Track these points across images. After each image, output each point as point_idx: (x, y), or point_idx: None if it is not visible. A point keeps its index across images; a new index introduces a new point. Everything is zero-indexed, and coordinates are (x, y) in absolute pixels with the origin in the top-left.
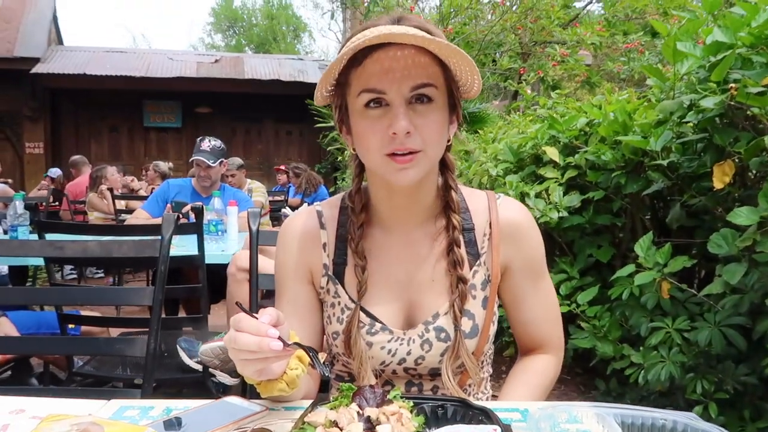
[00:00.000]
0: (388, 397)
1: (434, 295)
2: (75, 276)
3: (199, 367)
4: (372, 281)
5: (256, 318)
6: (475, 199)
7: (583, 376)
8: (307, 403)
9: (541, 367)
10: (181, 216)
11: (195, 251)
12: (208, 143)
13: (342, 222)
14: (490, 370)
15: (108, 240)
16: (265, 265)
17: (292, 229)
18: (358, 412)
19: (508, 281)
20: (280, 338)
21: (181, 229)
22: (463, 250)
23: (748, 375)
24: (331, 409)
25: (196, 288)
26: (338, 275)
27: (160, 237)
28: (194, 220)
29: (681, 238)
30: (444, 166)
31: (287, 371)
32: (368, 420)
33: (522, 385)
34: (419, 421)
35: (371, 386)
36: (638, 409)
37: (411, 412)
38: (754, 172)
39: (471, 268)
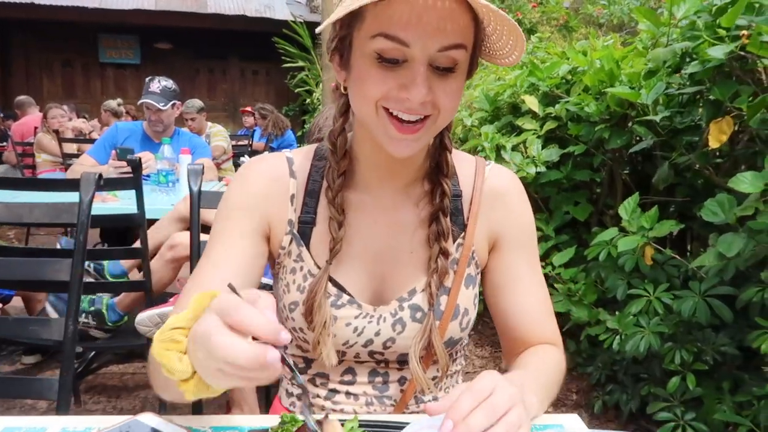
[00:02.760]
0: (343, 427)
1: (412, 269)
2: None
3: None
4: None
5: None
6: (463, 164)
7: None
8: (236, 420)
9: (551, 359)
10: (126, 164)
11: (152, 205)
12: (158, 84)
13: (314, 176)
14: (464, 363)
15: (17, 204)
16: None
17: (257, 171)
18: None
19: (499, 258)
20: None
21: (116, 185)
22: (447, 222)
23: (728, 344)
24: None
25: (136, 250)
26: (303, 236)
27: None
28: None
29: (660, 196)
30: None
31: None
32: None
33: (535, 378)
34: None
35: (318, 422)
36: None
37: None
38: (744, 128)
39: (455, 241)
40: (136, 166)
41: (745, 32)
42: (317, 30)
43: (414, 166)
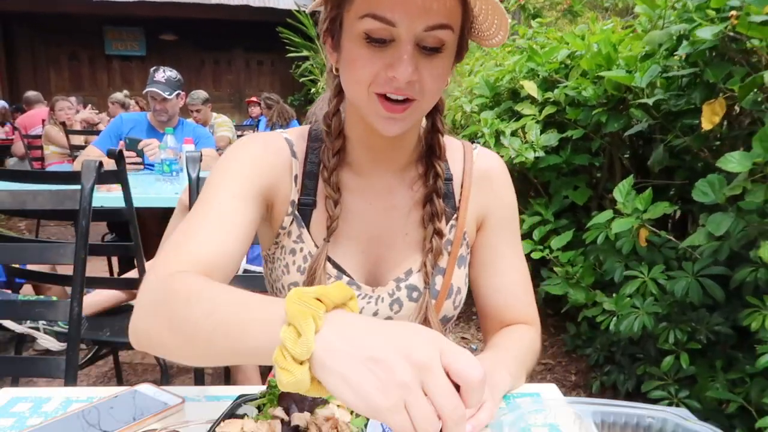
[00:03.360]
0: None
1: (407, 250)
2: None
3: (18, 328)
4: (337, 231)
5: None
6: (452, 148)
7: (553, 318)
8: (232, 390)
9: (523, 339)
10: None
11: (157, 194)
12: (163, 74)
13: (310, 158)
14: (451, 338)
15: (21, 191)
16: None
17: (263, 144)
18: (282, 420)
19: (483, 237)
20: None
21: (101, 178)
22: (441, 203)
23: (722, 324)
24: (256, 409)
25: (128, 246)
26: (304, 217)
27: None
28: (143, 161)
29: (660, 179)
30: (433, 106)
31: None
32: (295, 430)
33: (506, 354)
34: (359, 424)
35: None
36: (622, 405)
37: (351, 413)
38: (745, 111)
39: (447, 222)
40: (118, 157)
41: (733, 12)
42: (309, 8)
43: (407, 149)
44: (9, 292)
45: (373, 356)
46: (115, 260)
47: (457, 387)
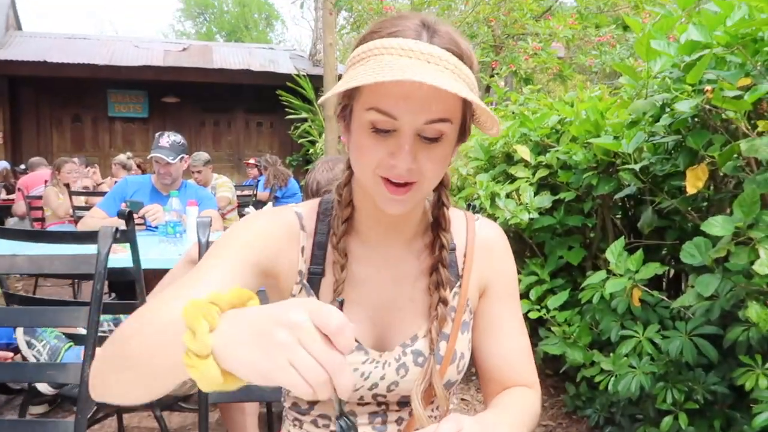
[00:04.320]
0: None
1: (413, 317)
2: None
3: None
4: (345, 297)
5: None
6: (454, 219)
7: (553, 378)
8: None
9: (525, 400)
10: (135, 216)
11: (160, 255)
12: (167, 139)
13: (320, 229)
14: (455, 401)
15: (39, 256)
16: None
17: (270, 218)
18: None
19: (485, 305)
20: None
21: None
22: (447, 273)
23: (718, 383)
24: None
25: (134, 305)
26: (313, 285)
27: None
28: (144, 222)
29: (652, 239)
30: (439, 182)
31: None
32: None
33: (507, 413)
34: None
35: None
36: None
37: None
38: (727, 176)
39: (451, 290)
40: (128, 217)
41: (708, 88)
42: (319, 102)
43: (412, 222)
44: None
45: (257, 330)
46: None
47: None
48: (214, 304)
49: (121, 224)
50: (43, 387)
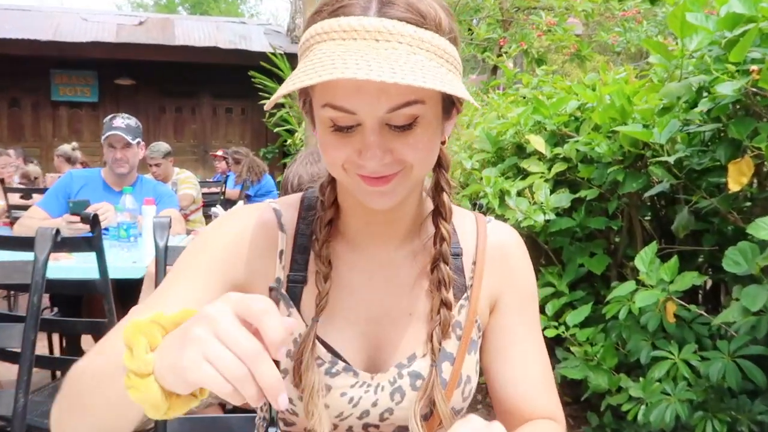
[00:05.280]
0: None
1: (411, 332)
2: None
3: None
4: (332, 310)
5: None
6: (462, 220)
7: (572, 406)
8: None
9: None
10: (81, 219)
11: (111, 263)
12: (122, 120)
13: (302, 230)
14: None
15: None
16: None
17: (242, 221)
18: None
19: (496, 319)
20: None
21: (73, 246)
22: (449, 270)
23: (766, 413)
24: None
25: (99, 324)
26: (293, 296)
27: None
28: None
29: (687, 245)
30: (437, 163)
31: None
32: None
33: None
34: None
35: None
36: None
37: None
38: None
39: (457, 302)
40: (93, 221)
41: (755, 68)
42: (266, 108)
43: (407, 216)
44: None
45: (179, 333)
46: (56, 336)
47: None
48: (157, 323)
49: (66, 226)
50: None
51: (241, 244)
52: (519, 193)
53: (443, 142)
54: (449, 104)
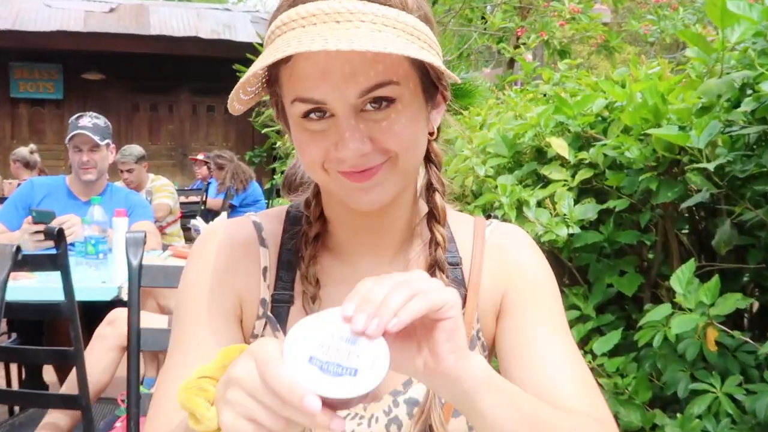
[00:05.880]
0: None
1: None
2: None
3: None
4: None
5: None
6: (461, 225)
7: None
8: None
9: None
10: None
11: (78, 283)
12: (89, 120)
13: (287, 244)
14: None
15: None
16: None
17: (220, 238)
18: None
19: (506, 324)
20: None
21: (35, 264)
22: (445, 280)
23: None
24: None
25: (64, 353)
26: (279, 318)
27: None
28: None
29: (730, 262)
30: (427, 158)
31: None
32: None
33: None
34: None
35: None
36: None
37: None
38: None
39: None
40: (57, 236)
41: None
42: (231, 111)
43: (399, 222)
44: None
45: (220, 399)
46: (14, 366)
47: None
48: (205, 377)
49: (26, 240)
50: None
51: (222, 270)
52: (539, 204)
53: (432, 134)
54: (431, 87)
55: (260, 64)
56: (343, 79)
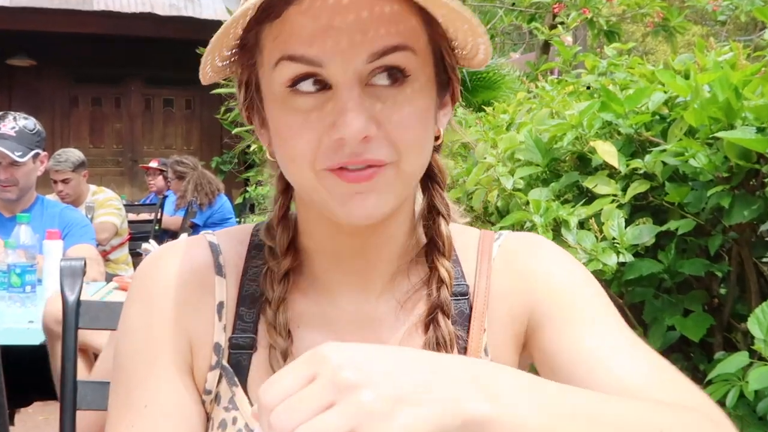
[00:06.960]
0: None
1: None
2: None
3: None
4: None
5: None
6: (466, 242)
7: None
8: None
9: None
10: None
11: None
12: (12, 123)
13: (251, 273)
14: None
15: None
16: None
17: (165, 271)
18: None
19: (539, 350)
20: None
21: None
22: (450, 326)
23: None
24: None
25: None
26: (239, 369)
27: None
28: None
29: None
30: (428, 176)
31: None
32: None
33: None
34: None
35: None
36: None
37: None
38: None
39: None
40: None
41: None
42: (203, 81)
43: (392, 250)
44: None
45: None
46: None
47: None
48: None
49: None
50: None
51: (173, 307)
52: (581, 225)
53: (437, 139)
54: (443, 75)
55: (237, 11)
56: (348, 36)
